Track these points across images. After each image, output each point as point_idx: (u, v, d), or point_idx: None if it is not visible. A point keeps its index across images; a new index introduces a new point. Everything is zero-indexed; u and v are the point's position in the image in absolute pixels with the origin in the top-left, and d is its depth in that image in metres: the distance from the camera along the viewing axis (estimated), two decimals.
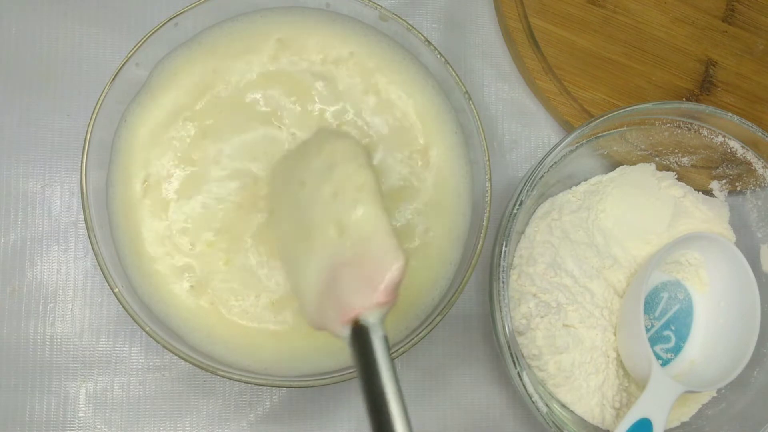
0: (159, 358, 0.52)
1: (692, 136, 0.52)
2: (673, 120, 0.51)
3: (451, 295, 0.45)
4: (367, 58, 0.48)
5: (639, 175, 0.54)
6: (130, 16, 0.55)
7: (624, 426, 0.45)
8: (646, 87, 0.57)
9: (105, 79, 0.45)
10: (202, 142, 0.46)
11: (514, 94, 0.58)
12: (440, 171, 0.48)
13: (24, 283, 0.52)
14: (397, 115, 0.48)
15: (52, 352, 0.51)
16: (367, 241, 0.36)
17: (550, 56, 0.56)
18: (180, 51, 0.48)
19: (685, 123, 0.52)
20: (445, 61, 0.47)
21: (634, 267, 0.53)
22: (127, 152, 0.46)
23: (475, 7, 0.59)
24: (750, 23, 0.59)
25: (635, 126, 0.52)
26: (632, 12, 0.58)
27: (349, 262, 0.36)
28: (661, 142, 0.53)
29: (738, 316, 0.51)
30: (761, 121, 0.58)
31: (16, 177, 0.53)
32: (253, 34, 0.48)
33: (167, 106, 0.47)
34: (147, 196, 0.46)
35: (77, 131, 0.54)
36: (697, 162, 0.54)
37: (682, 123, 0.52)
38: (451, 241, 0.47)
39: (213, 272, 0.45)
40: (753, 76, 0.59)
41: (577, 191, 0.54)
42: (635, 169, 0.54)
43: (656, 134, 0.53)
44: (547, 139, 0.58)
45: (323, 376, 0.44)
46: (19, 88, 0.54)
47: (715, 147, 0.52)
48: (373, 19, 0.49)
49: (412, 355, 0.53)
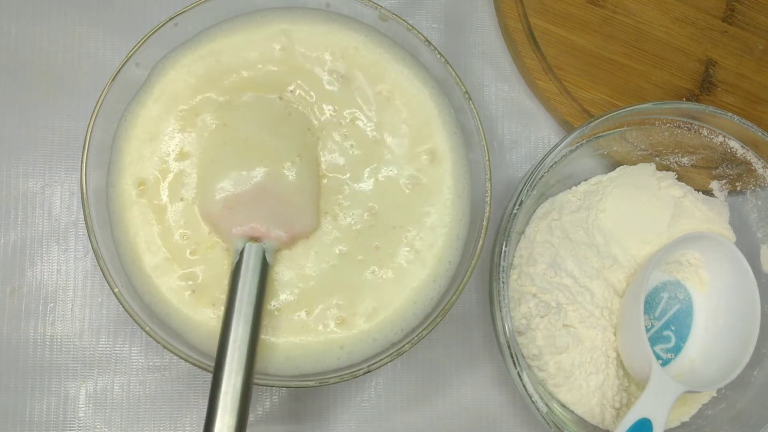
0: (159, 358, 0.52)
1: (692, 136, 0.52)
2: (673, 120, 0.52)
3: (451, 295, 0.45)
4: (369, 54, 0.48)
5: (639, 175, 0.54)
6: (130, 16, 0.55)
7: (624, 426, 0.46)
8: (646, 87, 0.57)
9: (105, 79, 0.45)
10: (202, 143, 0.46)
11: (514, 94, 0.58)
12: (440, 171, 0.48)
13: (24, 283, 0.52)
14: (397, 115, 0.48)
15: (52, 352, 0.51)
16: (301, 193, 0.45)
17: (550, 56, 0.56)
18: (180, 51, 0.48)
19: (685, 123, 0.52)
20: (445, 61, 0.47)
21: (634, 267, 0.53)
22: (126, 152, 0.46)
23: (475, 7, 0.59)
24: (750, 23, 0.59)
25: (635, 126, 0.52)
26: (632, 12, 0.58)
27: (279, 195, 0.44)
28: (661, 142, 0.53)
29: (738, 316, 0.51)
30: (761, 121, 0.58)
31: (16, 177, 0.53)
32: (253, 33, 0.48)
33: (167, 106, 0.47)
34: (146, 196, 0.46)
35: (77, 131, 0.54)
36: (697, 162, 0.54)
37: (682, 123, 0.52)
38: (451, 241, 0.47)
39: (213, 272, 0.45)
40: (753, 76, 0.59)
41: (577, 191, 0.54)
42: (635, 169, 0.54)
43: (656, 134, 0.53)
44: (547, 139, 0.58)
45: (323, 376, 0.44)
46: (19, 88, 0.54)
47: (715, 147, 0.52)
48: (373, 19, 0.49)
49: (411, 355, 0.53)
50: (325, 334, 0.45)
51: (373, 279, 0.46)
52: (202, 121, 0.47)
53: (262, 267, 0.43)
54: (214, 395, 0.39)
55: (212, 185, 0.45)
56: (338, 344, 0.45)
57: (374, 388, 0.53)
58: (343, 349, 0.45)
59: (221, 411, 0.38)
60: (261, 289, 0.42)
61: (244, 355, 0.40)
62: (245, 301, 0.41)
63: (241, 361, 0.40)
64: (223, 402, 0.39)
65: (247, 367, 0.40)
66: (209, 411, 0.39)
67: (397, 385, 0.53)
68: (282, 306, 0.45)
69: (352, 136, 0.48)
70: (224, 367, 0.39)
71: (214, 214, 0.45)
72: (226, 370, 0.39)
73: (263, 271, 0.43)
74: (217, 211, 0.44)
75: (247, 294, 0.42)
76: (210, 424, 0.38)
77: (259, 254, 0.43)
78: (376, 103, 0.48)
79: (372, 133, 0.48)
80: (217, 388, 0.39)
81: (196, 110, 0.47)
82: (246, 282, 0.42)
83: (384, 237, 0.47)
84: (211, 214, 0.45)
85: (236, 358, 0.40)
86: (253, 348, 0.41)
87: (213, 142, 0.46)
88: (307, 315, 0.45)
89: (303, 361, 0.45)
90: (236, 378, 0.39)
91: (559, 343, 0.49)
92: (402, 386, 0.53)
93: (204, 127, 0.47)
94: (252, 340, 0.40)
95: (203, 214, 0.45)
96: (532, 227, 0.53)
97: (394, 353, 0.43)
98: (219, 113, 0.47)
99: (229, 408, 0.38)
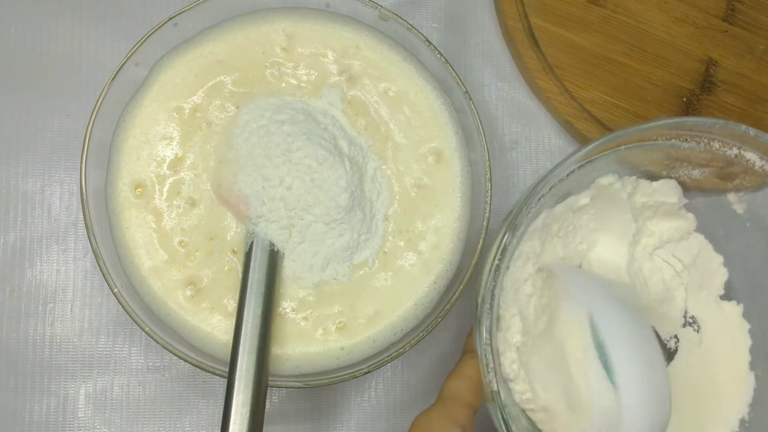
0: (159, 359, 0.52)
1: (699, 148, 0.49)
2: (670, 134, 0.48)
3: (451, 295, 0.45)
4: (371, 53, 0.48)
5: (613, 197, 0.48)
6: (130, 16, 0.55)
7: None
8: (647, 87, 0.57)
9: (105, 79, 0.45)
10: (202, 143, 0.46)
11: (514, 93, 0.58)
12: (443, 171, 0.48)
13: (23, 283, 0.52)
14: (396, 114, 0.48)
15: (51, 353, 0.51)
16: None
17: (550, 56, 0.56)
18: (180, 50, 0.47)
19: (685, 136, 0.48)
20: (445, 60, 0.47)
21: None
22: (125, 152, 0.46)
23: (475, 6, 0.59)
24: (750, 23, 0.59)
25: (634, 144, 0.48)
26: (632, 12, 0.58)
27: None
28: (658, 160, 0.50)
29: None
30: (761, 120, 0.58)
31: (16, 177, 0.53)
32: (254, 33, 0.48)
33: (166, 106, 0.47)
34: (144, 196, 0.46)
35: (77, 131, 0.54)
36: (708, 174, 0.52)
37: (681, 136, 0.48)
38: (451, 241, 0.47)
39: (212, 273, 0.45)
40: (753, 75, 0.59)
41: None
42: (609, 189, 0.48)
43: (654, 152, 0.49)
44: (547, 139, 0.58)
45: (323, 376, 0.44)
46: (19, 88, 0.54)
47: (730, 159, 0.47)
48: (373, 18, 0.49)
49: (411, 355, 0.53)
50: (325, 335, 0.45)
51: (375, 281, 0.46)
52: (201, 121, 0.47)
53: (270, 258, 0.44)
54: (228, 399, 0.39)
55: (231, 176, 0.46)
56: (338, 345, 0.45)
57: (374, 389, 0.53)
58: (343, 349, 0.45)
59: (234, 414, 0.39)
60: (270, 279, 0.43)
61: (255, 348, 0.41)
62: (254, 291, 0.42)
63: (251, 356, 0.40)
64: (236, 405, 0.39)
65: (258, 366, 0.40)
66: (224, 415, 0.39)
67: (397, 386, 0.53)
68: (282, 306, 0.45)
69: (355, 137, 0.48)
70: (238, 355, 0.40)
71: (229, 197, 0.45)
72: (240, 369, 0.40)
73: (271, 263, 0.44)
74: (236, 199, 0.45)
75: (256, 284, 0.43)
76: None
77: (266, 248, 0.44)
78: (376, 104, 0.48)
79: (370, 132, 0.48)
80: (231, 391, 0.39)
81: (196, 110, 0.47)
82: (255, 274, 0.43)
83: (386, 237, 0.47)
84: (227, 197, 0.46)
85: (248, 349, 0.40)
86: (265, 336, 0.41)
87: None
88: (307, 316, 0.45)
89: (303, 362, 0.45)
90: (247, 377, 0.40)
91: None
92: (402, 386, 0.53)
93: (204, 128, 0.47)
94: (263, 326, 0.41)
95: (218, 197, 0.46)
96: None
97: (394, 354, 0.43)
98: (219, 113, 0.47)
99: (242, 412, 0.39)
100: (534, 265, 0.45)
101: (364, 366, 0.44)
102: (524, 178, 0.57)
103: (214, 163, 0.46)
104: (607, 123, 0.56)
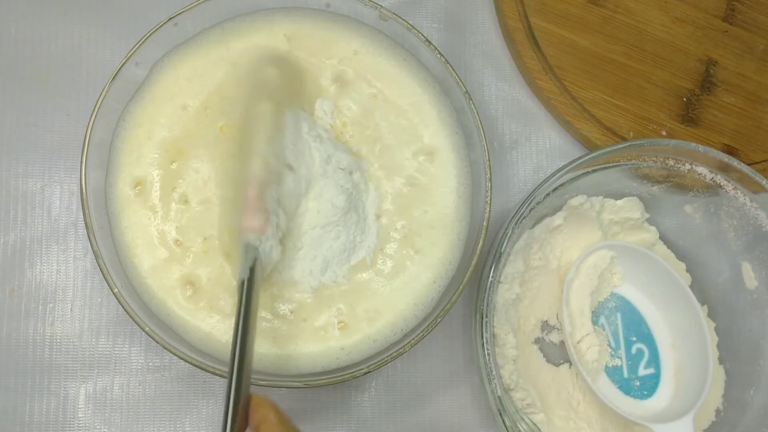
0: (159, 359, 0.52)
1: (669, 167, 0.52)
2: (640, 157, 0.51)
3: (451, 295, 0.45)
4: (368, 57, 0.48)
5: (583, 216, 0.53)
6: (130, 16, 0.55)
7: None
8: (647, 87, 0.57)
9: (104, 78, 0.45)
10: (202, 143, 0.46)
11: (514, 93, 0.58)
12: (440, 170, 0.48)
13: (23, 283, 0.52)
14: (397, 114, 0.48)
15: (51, 353, 0.51)
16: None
17: (550, 56, 0.56)
18: (180, 51, 0.47)
19: (657, 159, 0.51)
20: (445, 60, 0.47)
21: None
22: (125, 152, 0.46)
23: (475, 6, 0.59)
24: (750, 23, 0.59)
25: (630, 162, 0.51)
26: (632, 12, 0.58)
27: (248, 194, 0.42)
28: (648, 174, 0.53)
29: (686, 328, 0.51)
30: (761, 120, 0.58)
31: (16, 177, 0.53)
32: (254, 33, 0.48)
33: (165, 106, 0.47)
34: (143, 197, 0.46)
35: (76, 131, 0.54)
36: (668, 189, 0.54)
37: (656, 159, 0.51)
38: (451, 241, 0.47)
39: (211, 274, 0.45)
40: (753, 75, 0.59)
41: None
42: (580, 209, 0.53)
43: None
44: (547, 139, 0.58)
45: (323, 376, 0.44)
46: (19, 88, 0.54)
47: (684, 174, 0.51)
48: (373, 19, 0.49)
49: (412, 355, 0.53)
50: (325, 336, 0.45)
51: (375, 282, 0.46)
52: (201, 121, 0.47)
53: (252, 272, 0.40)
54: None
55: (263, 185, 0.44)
56: (338, 345, 0.45)
57: (374, 389, 0.53)
58: (343, 349, 0.45)
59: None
60: (249, 293, 0.40)
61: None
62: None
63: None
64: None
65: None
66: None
67: (397, 385, 0.53)
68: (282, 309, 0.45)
69: (353, 137, 0.48)
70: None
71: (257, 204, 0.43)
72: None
73: (252, 278, 0.40)
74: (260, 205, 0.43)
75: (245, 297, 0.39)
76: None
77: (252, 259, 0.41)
78: (376, 104, 0.48)
79: (371, 132, 0.48)
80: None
81: (196, 110, 0.47)
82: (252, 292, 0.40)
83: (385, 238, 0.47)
84: (255, 205, 0.43)
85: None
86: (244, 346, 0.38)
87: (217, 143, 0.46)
88: (307, 317, 0.45)
89: (303, 362, 0.45)
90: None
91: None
92: (402, 386, 0.53)
93: (204, 128, 0.47)
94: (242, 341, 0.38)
95: (249, 199, 0.44)
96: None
97: (394, 354, 0.43)
98: (219, 113, 0.47)
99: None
100: (520, 285, 0.51)
101: (364, 366, 0.44)
102: (524, 178, 0.57)
103: (222, 166, 0.46)
104: (607, 123, 0.56)
